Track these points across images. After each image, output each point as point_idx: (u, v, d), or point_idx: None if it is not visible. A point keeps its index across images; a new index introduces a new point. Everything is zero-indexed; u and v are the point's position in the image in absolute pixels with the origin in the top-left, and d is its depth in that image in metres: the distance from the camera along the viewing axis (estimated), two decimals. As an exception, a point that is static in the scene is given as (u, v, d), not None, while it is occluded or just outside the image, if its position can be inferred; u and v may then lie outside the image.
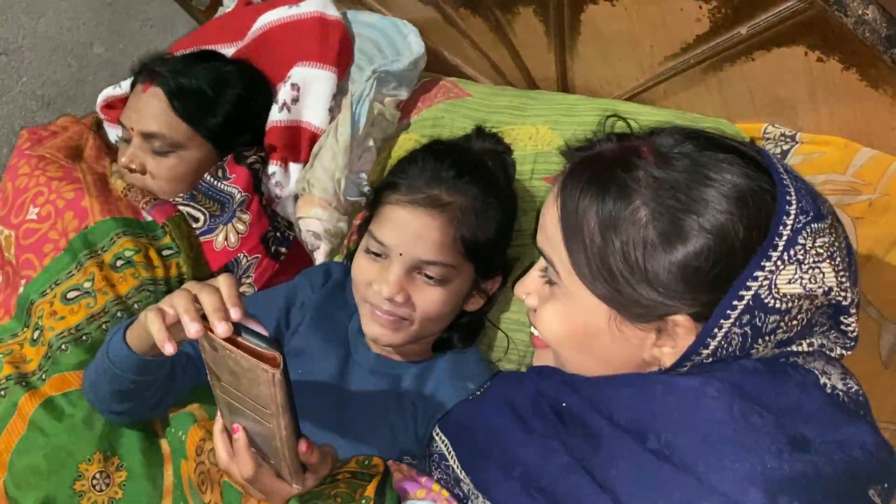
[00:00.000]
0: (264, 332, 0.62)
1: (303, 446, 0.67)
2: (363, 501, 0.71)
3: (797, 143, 0.94)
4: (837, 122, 0.87)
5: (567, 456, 0.64)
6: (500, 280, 0.97)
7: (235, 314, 0.62)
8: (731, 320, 0.60)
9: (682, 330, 0.63)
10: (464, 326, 0.96)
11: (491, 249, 0.91)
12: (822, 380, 0.62)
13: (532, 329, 0.75)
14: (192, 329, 0.62)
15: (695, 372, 0.63)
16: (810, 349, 0.64)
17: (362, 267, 0.90)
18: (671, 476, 0.57)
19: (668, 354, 0.65)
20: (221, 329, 0.61)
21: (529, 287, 0.73)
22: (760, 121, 0.97)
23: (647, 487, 0.58)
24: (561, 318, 0.68)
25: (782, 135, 0.95)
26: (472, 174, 0.90)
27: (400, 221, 0.87)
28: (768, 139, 0.97)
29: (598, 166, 0.66)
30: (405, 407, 0.89)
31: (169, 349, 0.64)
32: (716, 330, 0.61)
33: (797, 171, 0.65)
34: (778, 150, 0.95)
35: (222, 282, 0.65)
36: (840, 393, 0.62)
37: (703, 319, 0.62)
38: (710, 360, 0.63)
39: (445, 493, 0.72)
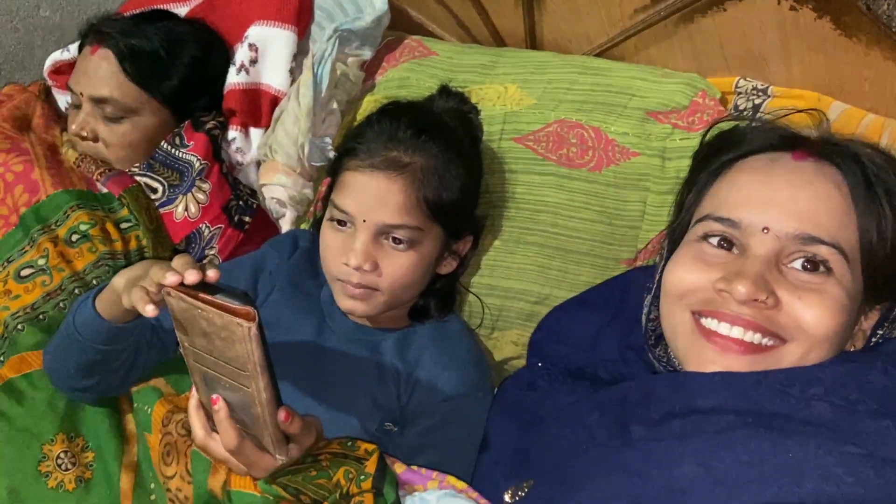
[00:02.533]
0: (229, 288, 0.61)
1: (282, 414, 0.65)
2: (361, 477, 0.69)
3: (769, 96, 0.92)
4: (810, 74, 0.86)
5: None
6: (471, 241, 0.95)
7: (211, 273, 0.62)
8: None
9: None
10: (439, 292, 0.95)
11: (457, 209, 0.89)
12: None
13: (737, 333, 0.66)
14: (170, 278, 0.61)
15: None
16: None
17: (328, 241, 0.88)
18: None
19: (859, 335, 0.67)
20: (192, 276, 0.61)
21: (766, 281, 0.65)
22: (732, 74, 0.96)
23: None
24: (835, 310, 0.64)
25: (754, 88, 0.94)
26: (430, 133, 0.88)
27: (360, 187, 0.85)
28: (740, 93, 0.96)
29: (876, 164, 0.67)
30: (386, 374, 0.88)
31: (150, 310, 0.64)
32: None
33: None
34: (750, 105, 0.93)
35: (175, 260, 0.65)
36: None
37: None
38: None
39: (463, 485, 0.70)
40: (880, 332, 0.68)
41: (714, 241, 0.68)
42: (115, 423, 0.88)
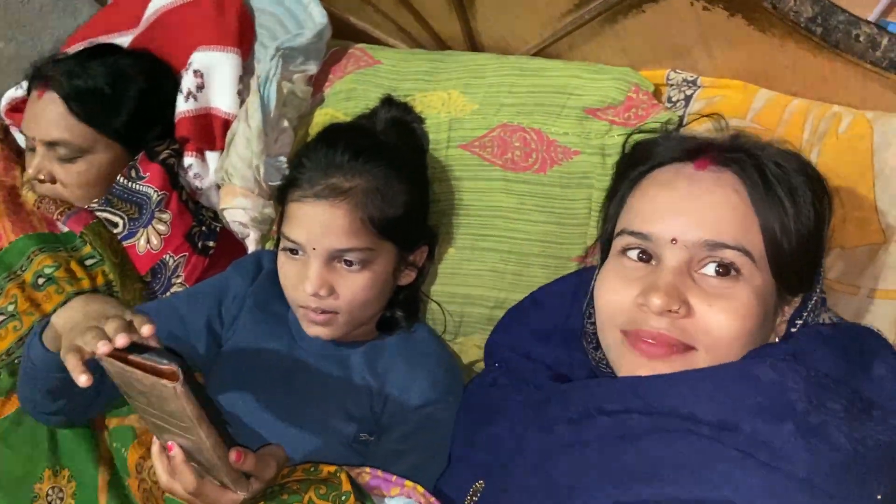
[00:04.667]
0: (159, 347, 0.64)
1: (233, 455, 0.68)
2: (343, 497, 0.71)
3: (699, 87, 0.94)
4: (734, 64, 0.87)
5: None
6: (426, 250, 0.97)
7: (145, 330, 0.65)
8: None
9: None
10: (403, 303, 0.97)
11: (405, 223, 0.90)
12: None
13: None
14: (101, 348, 0.64)
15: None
16: None
17: (285, 271, 0.90)
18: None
19: (781, 325, 0.70)
20: (121, 340, 0.64)
21: (679, 291, 0.68)
22: (662, 67, 0.97)
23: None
24: (744, 315, 0.66)
25: (684, 80, 0.95)
26: (367, 153, 0.89)
27: (305, 217, 0.87)
28: (672, 85, 0.97)
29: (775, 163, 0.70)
30: (358, 387, 0.90)
31: (83, 380, 0.65)
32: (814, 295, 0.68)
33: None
34: (682, 96, 0.95)
35: (108, 324, 0.67)
36: None
37: None
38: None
39: (421, 489, 0.74)
40: (798, 321, 0.70)
41: (633, 254, 0.72)
42: (91, 445, 0.90)
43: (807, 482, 0.56)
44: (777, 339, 0.71)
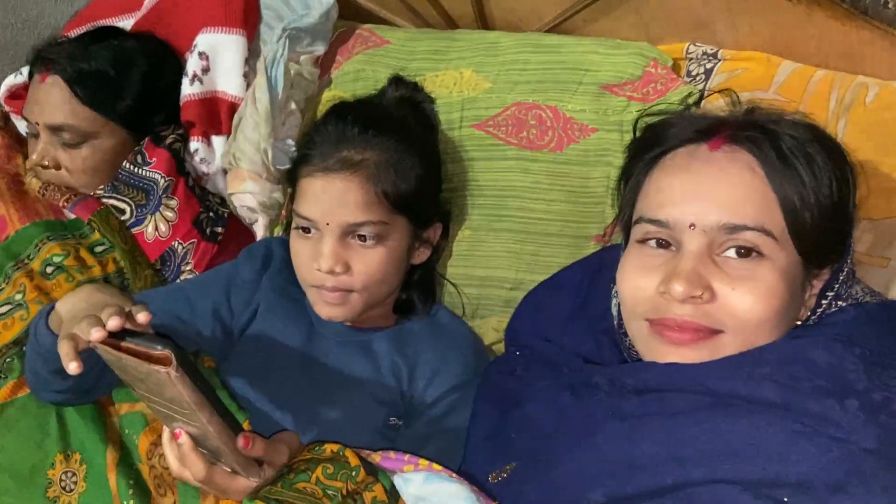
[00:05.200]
0: (152, 333, 0.63)
1: (240, 441, 0.66)
2: (354, 473, 0.70)
3: (719, 60, 0.92)
4: (757, 35, 0.85)
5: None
6: (440, 227, 0.96)
7: (141, 317, 0.65)
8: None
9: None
10: (418, 283, 0.96)
11: (418, 198, 0.89)
12: None
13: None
14: (94, 335, 0.63)
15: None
16: None
17: (297, 249, 0.89)
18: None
19: (811, 299, 0.69)
20: (114, 323, 0.62)
21: (700, 276, 0.67)
22: (682, 41, 0.95)
23: None
24: (769, 295, 0.65)
25: (704, 53, 0.93)
26: (378, 127, 0.88)
27: (318, 192, 0.85)
28: (691, 59, 0.95)
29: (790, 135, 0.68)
30: (384, 371, 0.89)
31: (73, 367, 0.65)
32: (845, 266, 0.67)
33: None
34: (702, 70, 0.93)
35: (104, 312, 0.66)
36: None
37: None
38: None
39: (438, 465, 0.72)
40: (829, 294, 0.69)
41: (652, 242, 0.71)
42: (99, 427, 0.89)
43: (878, 453, 0.56)
44: (808, 314, 0.70)
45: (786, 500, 0.55)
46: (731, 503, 0.56)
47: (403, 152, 0.87)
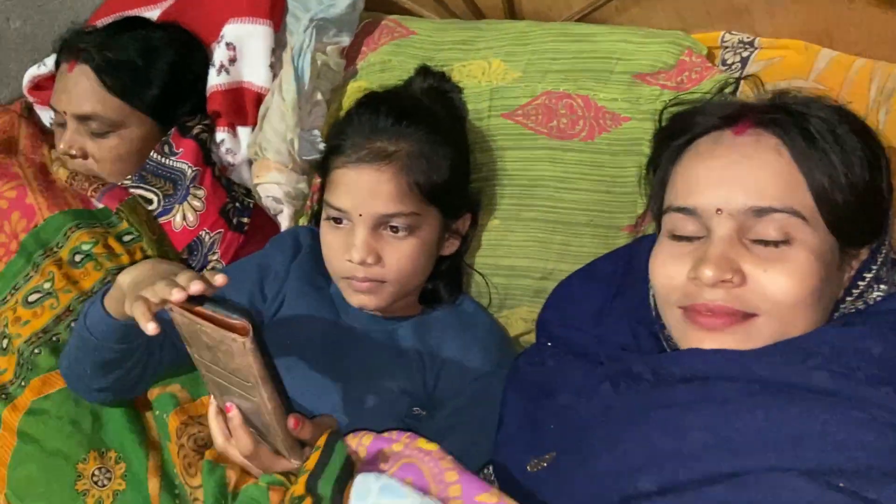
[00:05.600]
0: (231, 303, 0.63)
1: (291, 422, 0.67)
2: (315, 449, 0.68)
3: (756, 48, 0.91)
4: (795, 22, 0.85)
5: None
6: (470, 218, 0.95)
7: (219, 279, 0.65)
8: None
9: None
10: (446, 274, 0.95)
11: (450, 189, 0.89)
12: None
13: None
14: (175, 295, 0.63)
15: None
16: None
17: (328, 240, 0.88)
18: None
19: (849, 280, 0.68)
20: (196, 286, 0.63)
21: (730, 260, 0.66)
22: (717, 29, 0.95)
23: None
24: (802, 276, 0.64)
25: (740, 41, 0.93)
26: (411, 118, 0.87)
27: (351, 183, 0.85)
28: (726, 47, 0.94)
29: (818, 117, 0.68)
30: (408, 360, 0.88)
31: (151, 328, 0.64)
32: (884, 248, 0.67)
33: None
34: (737, 58, 0.92)
35: (181, 276, 0.66)
36: None
37: None
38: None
39: (433, 446, 0.71)
40: (867, 275, 0.68)
41: (682, 231, 0.70)
42: (138, 429, 0.90)
43: None
44: (845, 296, 0.69)
45: (841, 484, 0.54)
46: (786, 489, 0.55)
47: (435, 143, 0.87)
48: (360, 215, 0.84)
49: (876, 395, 0.58)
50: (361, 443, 0.71)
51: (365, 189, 0.84)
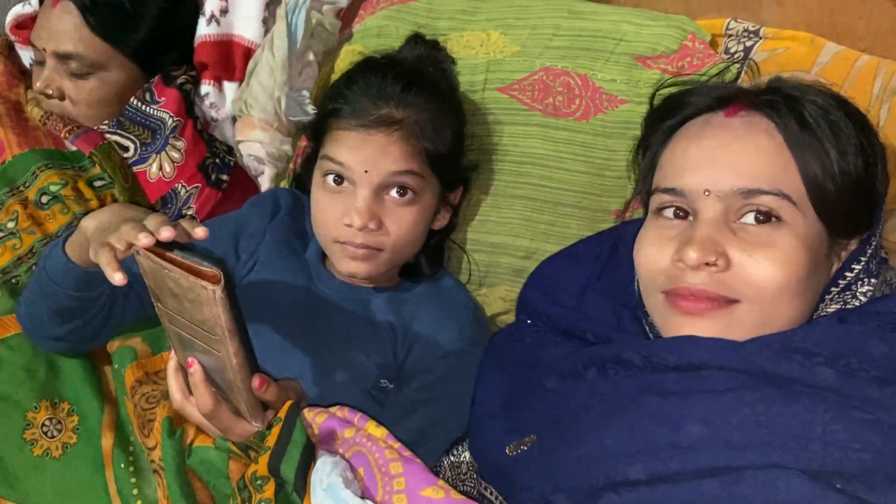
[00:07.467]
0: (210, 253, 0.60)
1: (256, 381, 0.64)
2: (261, 452, 0.66)
3: (761, 38, 0.89)
4: (803, 13, 0.83)
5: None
6: (461, 191, 0.93)
7: (165, 233, 0.60)
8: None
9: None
10: (431, 248, 0.93)
11: (451, 159, 0.87)
12: None
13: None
14: (143, 240, 0.59)
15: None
16: None
17: (323, 203, 0.85)
18: None
19: (832, 274, 0.67)
20: (166, 233, 0.59)
21: (715, 243, 0.64)
22: (722, 16, 0.93)
23: None
24: (788, 262, 0.62)
25: (745, 30, 0.91)
26: (418, 85, 0.85)
27: (357, 142, 0.82)
28: (731, 35, 0.93)
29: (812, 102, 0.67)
30: (380, 331, 0.86)
31: (118, 279, 0.60)
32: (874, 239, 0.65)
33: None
34: (741, 48, 0.90)
35: (150, 219, 0.62)
36: None
37: None
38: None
39: (383, 432, 0.68)
40: (856, 266, 0.67)
41: (669, 212, 0.69)
42: (95, 382, 0.86)
43: None
44: (831, 286, 0.67)
45: (839, 486, 0.52)
46: (784, 487, 0.53)
47: (441, 112, 0.86)
48: (366, 172, 0.80)
49: (880, 395, 0.56)
50: (315, 420, 0.69)
51: (374, 147, 0.81)
